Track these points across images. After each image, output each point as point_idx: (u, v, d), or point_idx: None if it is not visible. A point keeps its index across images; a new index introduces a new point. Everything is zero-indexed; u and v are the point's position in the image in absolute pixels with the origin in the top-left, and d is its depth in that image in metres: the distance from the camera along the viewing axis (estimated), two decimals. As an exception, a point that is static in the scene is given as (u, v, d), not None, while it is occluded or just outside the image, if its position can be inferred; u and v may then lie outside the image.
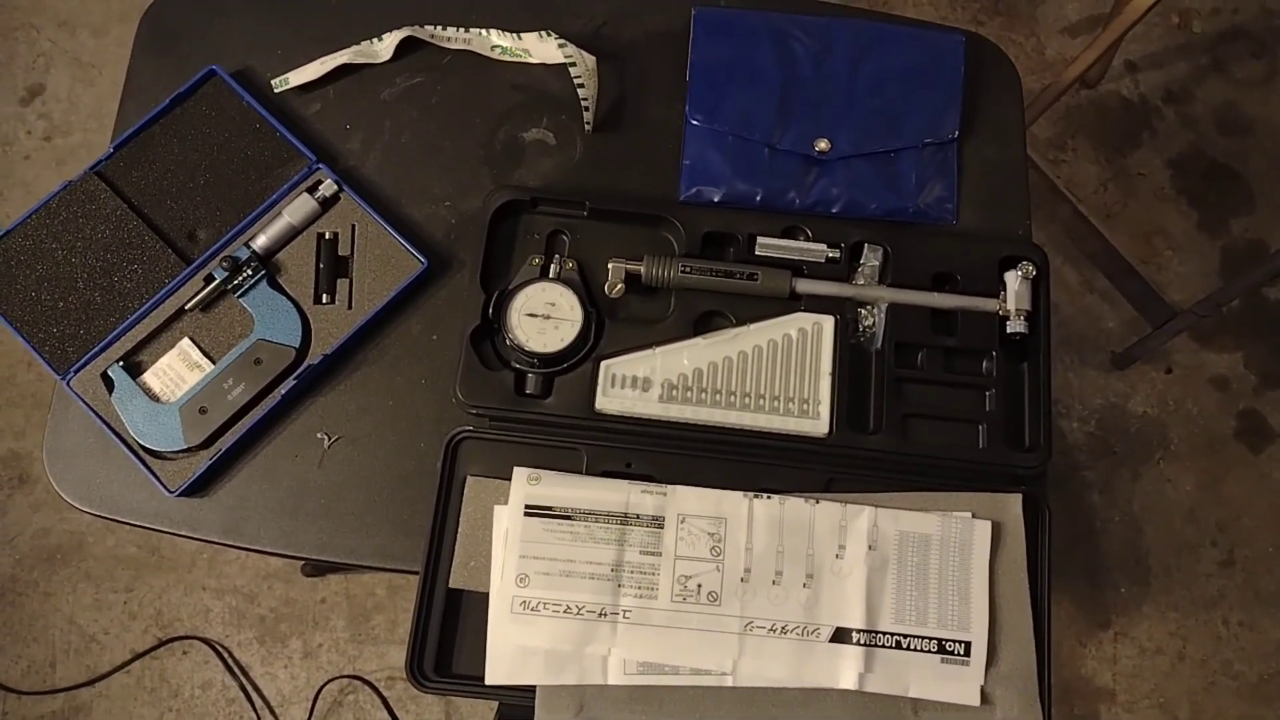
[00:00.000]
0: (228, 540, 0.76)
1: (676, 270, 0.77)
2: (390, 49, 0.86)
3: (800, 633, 0.71)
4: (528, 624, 0.70)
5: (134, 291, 0.79)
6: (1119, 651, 1.50)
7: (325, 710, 1.46)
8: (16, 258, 0.79)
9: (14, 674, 1.47)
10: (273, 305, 0.78)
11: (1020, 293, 0.77)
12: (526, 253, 0.79)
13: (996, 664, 0.71)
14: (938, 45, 0.87)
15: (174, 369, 0.77)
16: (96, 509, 0.76)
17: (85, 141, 1.67)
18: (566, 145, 0.85)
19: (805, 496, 0.73)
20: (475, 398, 0.75)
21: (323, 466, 0.77)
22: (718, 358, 0.76)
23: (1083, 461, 1.57)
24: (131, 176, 0.82)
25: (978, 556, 0.73)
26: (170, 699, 1.47)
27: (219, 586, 1.51)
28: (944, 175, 0.84)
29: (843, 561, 0.72)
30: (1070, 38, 1.76)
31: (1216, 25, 1.77)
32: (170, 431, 0.75)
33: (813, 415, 0.75)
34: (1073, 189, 1.66)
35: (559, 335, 0.76)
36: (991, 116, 0.87)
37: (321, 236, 0.80)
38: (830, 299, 0.78)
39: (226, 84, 0.83)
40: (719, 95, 0.85)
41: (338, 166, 0.83)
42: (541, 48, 0.86)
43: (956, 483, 0.75)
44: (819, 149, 0.83)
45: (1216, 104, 1.74)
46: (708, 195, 0.83)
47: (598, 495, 0.73)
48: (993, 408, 0.77)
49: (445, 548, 0.73)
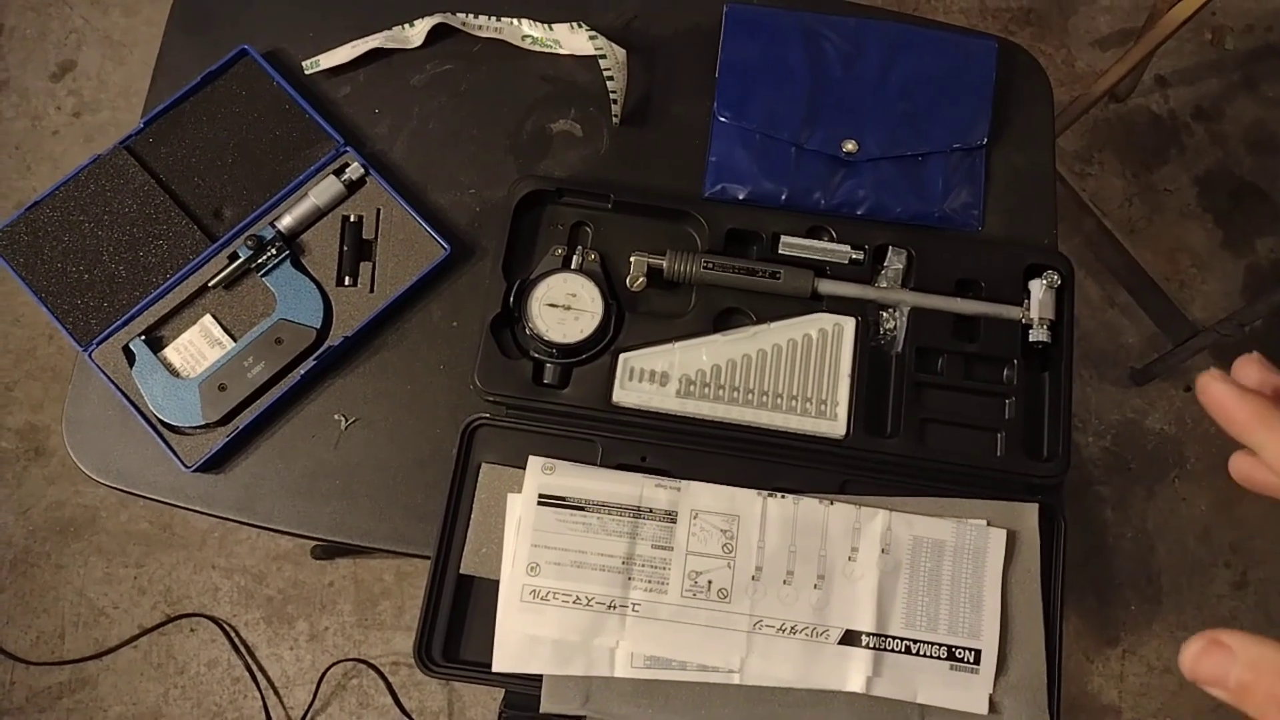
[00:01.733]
0: (242, 518, 0.76)
1: (699, 266, 0.77)
2: (422, 35, 0.86)
3: (809, 633, 0.71)
4: (537, 613, 0.70)
5: (158, 267, 0.79)
6: (1126, 669, 1.49)
7: (329, 693, 1.46)
8: (44, 229, 0.79)
9: (23, 644, 1.48)
10: (295, 285, 0.79)
11: (1044, 301, 0.77)
12: (549, 243, 0.79)
13: (1006, 673, 0.71)
14: (970, 50, 0.86)
15: (195, 345, 0.78)
16: (113, 481, 0.77)
17: (114, 119, 1.68)
18: (593, 137, 0.85)
19: (820, 497, 0.73)
20: (493, 385, 0.75)
21: (339, 448, 0.77)
22: (737, 355, 0.76)
23: (1097, 476, 1.56)
24: (160, 152, 0.82)
25: (991, 565, 0.72)
26: (176, 675, 1.48)
27: (229, 566, 1.51)
28: (971, 181, 0.84)
29: (855, 564, 0.72)
30: (1101, 51, 1.75)
31: (1249, 43, 1.76)
32: (189, 407, 0.75)
33: (830, 416, 0.75)
34: (1098, 202, 1.65)
35: (579, 326, 0.76)
36: (1022, 124, 0.87)
37: (346, 219, 0.80)
38: (852, 300, 0.77)
39: (258, 64, 0.84)
40: (748, 93, 0.84)
41: (365, 150, 0.83)
42: (572, 39, 0.86)
43: (972, 490, 0.74)
44: (846, 150, 0.83)
45: (1247, 122, 1.72)
46: (733, 192, 0.83)
47: (611, 487, 0.73)
48: (1012, 416, 0.76)
49: (457, 533, 0.73)
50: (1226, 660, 0.30)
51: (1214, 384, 0.34)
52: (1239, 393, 0.34)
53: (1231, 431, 0.34)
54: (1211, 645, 0.31)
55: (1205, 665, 0.31)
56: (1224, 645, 0.30)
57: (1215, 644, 0.31)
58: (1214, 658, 0.30)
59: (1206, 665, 0.31)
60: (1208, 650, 0.31)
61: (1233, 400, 0.34)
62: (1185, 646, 0.31)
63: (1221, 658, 0.30)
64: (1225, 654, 0.30)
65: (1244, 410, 0.34)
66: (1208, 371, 0.35)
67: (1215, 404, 0.34)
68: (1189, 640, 0.31)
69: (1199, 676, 0.31)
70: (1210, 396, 0.35)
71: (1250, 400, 0.34)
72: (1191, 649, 0.31)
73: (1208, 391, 0.35)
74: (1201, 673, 0.31)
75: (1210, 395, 0.35)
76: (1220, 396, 0.34)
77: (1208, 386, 0.34)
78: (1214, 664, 0.30)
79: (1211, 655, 0.31)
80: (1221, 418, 0.34)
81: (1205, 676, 0.31)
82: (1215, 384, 0.34)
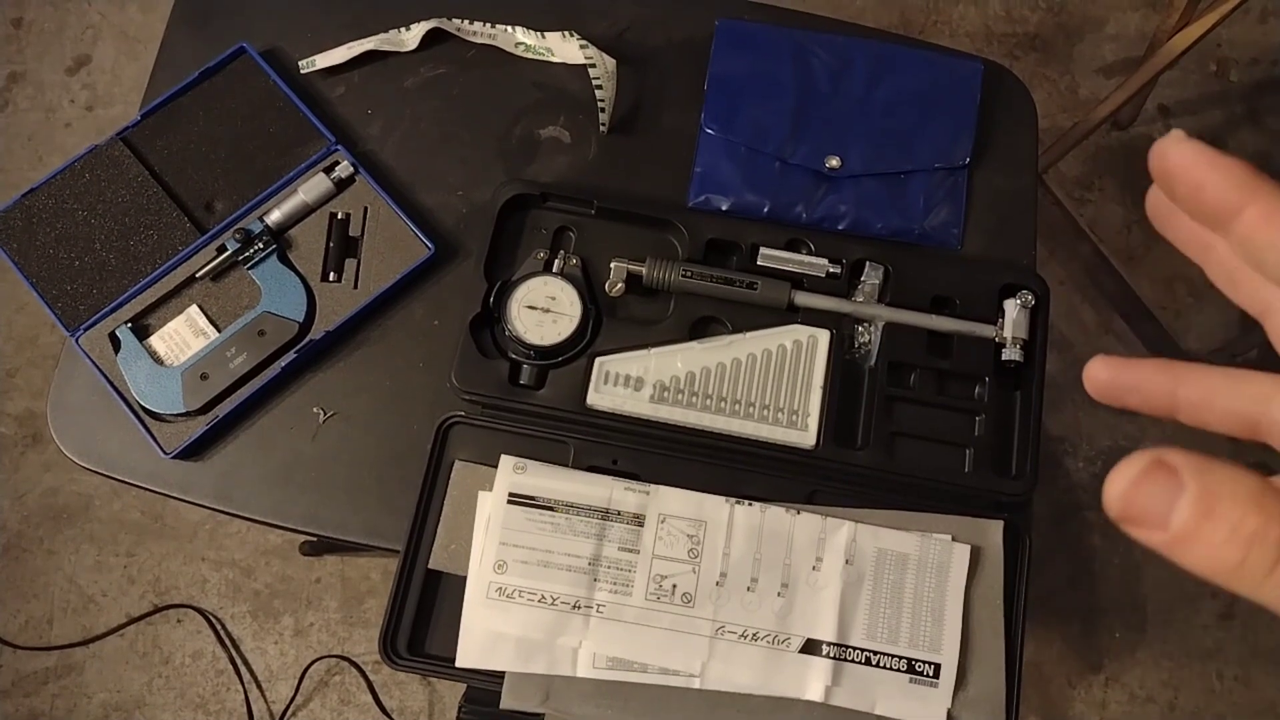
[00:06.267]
0: (218, 505, 0.77)
1: (678, 274, 0.78)
2: (417, 39, 0.87)
3: (771, 641, 0.71)
4: (502, 610, 0.71)
5: (148, 256, 0.81)
6: (1109, 696, 1.48)
7: (311, 688, 1.47)
8: (39, 215, 0.81)
9: (12, 628, 1.49)
10: (281, 279, 0.80)
11: (1018, 321, 0.78)
12: (532, 246, 0.81)
13: (965, 688, 0.71)
14: (955, 71, 0.87)
15: (180, 334, 0.79)
16: (94, 465, 0.78)
17: (125, 113, 1.70)
18: (581, 144, 0.87)
19: (787, 506, 0.74)
20: (470, 384, 0.76)
21: (316, 440, 0.79)
22: (711, 363, 0.77)
23: (1086, 502, 1.56)
24: (156, 145, 0.84)
25: (954, 579, 0.73)
26: (161, 665, 1.49)
27: (218, 558, 1.53)
28: (952, 200, 0.85)
29: (819, 574, 0.73)
30: (1105, 78, 1.76)
31: (1254, 75, 1.76)
32: (171, 394, 0.77)
33: (801, 427, 0.76)
34: (1096, 229, 1.65)
35: (557, 329, 0.77)
36: (1005, 146, 0.87)
37: (334, 216, 0.82)
38: (828, 313, 0.78)
39: (255, 61, 0.85)
40: (735, 106, 0.86)
41: (356, 149, 0.85)
42: (564, 47, 0.87)
43: (939, 505, 0.75)
44: (830, 166, 0.84)
45: (1249, 154, 1.72)
46: (716, 203, 0.84)
47: (581, 489, 0.73)
48: (981, 433, 0.77)
49: (428, 529, 0.74)
50: (1173, 488, 0.22)
51: (1179, 145, 0.25)
52: (1215, 155, 0.24)
53: (1194, 204, 0.25)
54: (1155, 468, 0.22)
55: (1144, 496, 0.22)
56: (1171, 468, 0.22)
57: (1159, 467, 0.22)
58: (1157, 484, 0.22)
59: (1145, 496, 0.22)
60: (1149, 474, 0.22)
61: (1205, 161, 0.24)
62: (1115, 471, 0.22)
63: (1166, 485, 0.22)
64: (1171, 480, 0.22)
65: (1220, 172, 0.24)
66: (1170, 134, 0.25)
67: (1181, 170, 0.25)
68: (1121, 463, 0.22)
69: (1133, 513, 0.22)
70: (1173, 161, 0.25)
71: (1229, 162, 0.24)
72: (1124, 472, 0.22)
73: (1168, 156, 0.25)
74: (1137, 506, 0.22)
75: (1173, 160, 0.25)
76: (1190, 159, 0.24)
77: (1168, 150, 0.25)
78: (1155, 493, 0.22)
79: (1154, 481, 0.22)
80: (1185, 189, 0.25)
81: (1141, 513, 0.22)
82: (1181, 145, 0.25)
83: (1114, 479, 0.22)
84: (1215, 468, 0.22)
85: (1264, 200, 0.24)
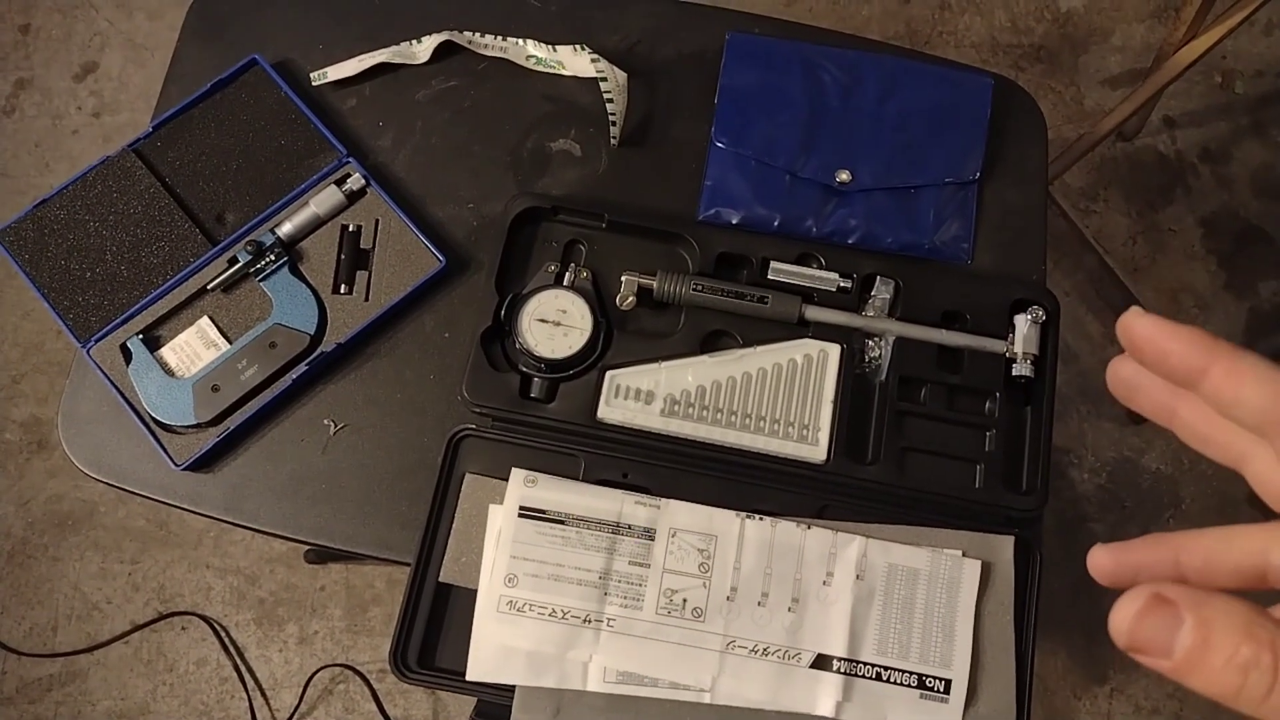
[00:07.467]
0: (228, 517, 0.77)
1: (688, 287, 0.78)
2: (428, 51, 0.88)
3: (781, 656, 0.71)
4: (512, 624, 0.71)
5: (160, 268, 0.81)
6: (1114, 708, 1.48)
7: (315, 697, 1.47)
8: (50, 226, 0.81)
9: (16, 635, 1.49)
10: (292, 291, 0.80)
11: (1029, 336, 0.78)
12: (543, 259, 0.81)
13: (975, 704, 0.71)
14: (966, 86, 0.87)
15: (191, 346, 0.79)
16: (104, 476, 0.78)
17: (132, 121, 1.71)
18: (592, 158, 0.87)
19: (797, 521, 0.74)
20: (480, 397, 0.76)
21: (326, 453, 0.79)
22: (722, 377, 0.77)
23: (1091, 513, 1.56)
24: (167, 156, 0.84)
25: (965, 595, 0.73)
26: (165, 672, 1.49)
27: (222, 566, 1.53)
28: (962, 215, 0.85)
29: (829, 589, 0.73)
30: (1111, 90, 1.76)
31: (1259, 87, 1.77)
32: (182, 406, 0.77)
33: (812, 441, 0.76)
34: (1101, 240, 1.65)
35: (568, 342, 0.77)
36: (1016, 161, 0.88)
37: (345, 228, 0.82)
38: (838, 328, 0.78)
39: (267, 73, 0.86)
40: (745, 120, 0.86)
41: (367, 162, 0.85)
42: (575, 61, 0.87)
43: (950, 520, 0.75)
44: (840, 180, 0.84)
45: (1254, 166, 1.73)
46: (726, 217, 0.84)
47: (592, 502, 0.74)
48: (992, 448, 0.77)
49: (438, 542, 0.74)
50: (1173, 621, 0.23)
51: (1140, 320, 0.28)
52: (1174, 326, 0.27)
53: (1163, 369, 0.28)
54: (1155, 603, 0.24)
55: (1147, 629, 0.24)
56: (1170, 602, 0.23)
57: (1159, 602, 0.24)
58: (1158, 618, 0.24)
59: (1148, 629, 0.24)
60: (1150, 609, 0.24)
61: (1166, 333, 0.27)
62: (1119, 605, 0.24)
63: (1166, 618, 0.23)
64: (1171, 613, 0.23)
65: (1181, 341, 0.27)
66: (1130, 310, 0.29)
67: (1145, 341, 0.28)
68: (1123, 598, 0.24)
69: (1138, 644, 0.24)
70: (1137, 333, 0.28)
71: (1187, 330, 0.27)
72: (1128, 608, 0.24)
73: (1133, 329, 0.28)
74: (1141, 638, 0.24)
75: (1137, 332, 0.28)
76: (1151, 331, 0.28)
77: (1133, 324, 0.28)
78: (1158, 626, 0.23)
79: (1155, 615, 0.24)
80: (1152, 357, 0.28)
81: (1146, 644, 0.24)
82: (1142, 319, 0.28)
83: (1119, 612, 0.24)
84: (1210, 600, 0.23)
85: (1224, 360, 0.27)
